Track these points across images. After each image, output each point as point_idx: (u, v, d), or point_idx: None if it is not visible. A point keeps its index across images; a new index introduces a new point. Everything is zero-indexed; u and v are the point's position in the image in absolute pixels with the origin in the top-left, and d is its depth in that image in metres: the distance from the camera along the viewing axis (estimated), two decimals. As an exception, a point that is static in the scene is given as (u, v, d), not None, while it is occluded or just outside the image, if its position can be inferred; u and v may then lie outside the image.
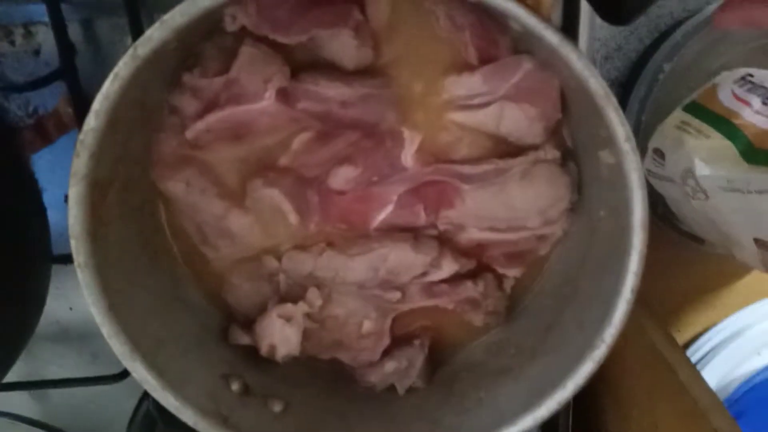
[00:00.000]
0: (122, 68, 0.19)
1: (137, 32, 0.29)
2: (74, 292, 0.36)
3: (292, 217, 0.26)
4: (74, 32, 0.31)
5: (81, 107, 0.31)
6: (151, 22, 0.30)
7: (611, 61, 0.41)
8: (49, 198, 0.33)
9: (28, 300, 0.30)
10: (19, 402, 0.38)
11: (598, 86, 0.19)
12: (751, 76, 0.35)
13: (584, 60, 0.19)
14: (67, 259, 0.31)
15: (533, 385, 0.24)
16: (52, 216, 0.32)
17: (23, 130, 0.32)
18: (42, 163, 0.33)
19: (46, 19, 0.30)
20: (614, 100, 0.19)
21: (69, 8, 0.30)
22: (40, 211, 0.31)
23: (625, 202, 0.21)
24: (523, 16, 0.19)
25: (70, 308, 0.37)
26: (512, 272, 0.28)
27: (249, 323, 0.27)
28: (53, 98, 0.32)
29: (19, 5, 0.31)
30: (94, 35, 0.31)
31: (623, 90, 0.42)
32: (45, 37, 0.31)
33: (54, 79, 0.30)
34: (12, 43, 0.31)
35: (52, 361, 0.38)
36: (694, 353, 0.45)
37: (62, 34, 0.30)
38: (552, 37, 0.18)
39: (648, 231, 0.20)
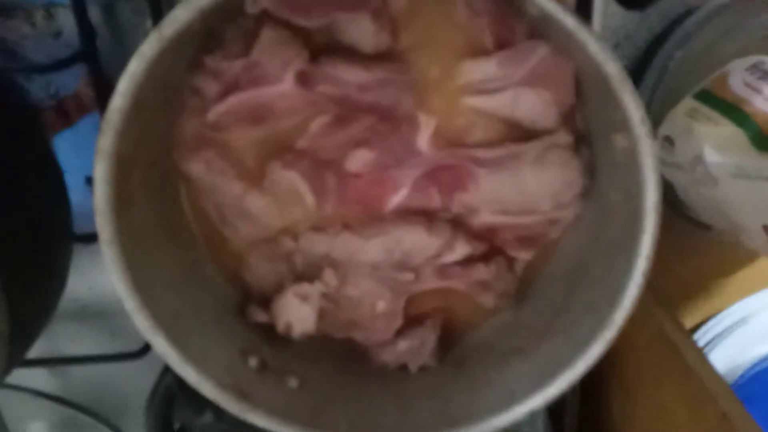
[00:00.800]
0: (147, 49, 0.19)
1: (157, 16, 0.29)
2: (94, 271, 0.37)
3: (309, 199, 0.27)
4: (95, 15, 0.31)
5: (102, 89, 0.31)
6: (171, 5, 0.31)
7: (621, 50, 0.41)
8: (69, 179, 0.33)
9: (51, 278, 0.31)
10: (39, 378, 0.39)
11: (614, 69, 0.19)
12: (763, 63, 0.35)
13: (601, 42, 0.19)
14: (87, 238, 0.32)
15: (543, 365, 0.25)
16: (73, 197, 0.33)
17: (45, 111, 0.33)
18: (63, 145, 0.34)
19: (67, 1, 0.30)
20: (630, 83, 0.19)
21: (90, -9, 0.31)
22: (62, 190, 0.31)
23: (638, 186, 0.21)
24: (541, 0, 0.19)
25: (90, 287, 0.38)
26: (523, 255, 0.28)
27: (266, 302, 0.28)
28: (74, 80, 0.33)
29: (40, -12, 0.31)
30: (114, 18, 0.32)
31: (633, 79, 0.42)
32: (65, 19, 0.31)
33: (75, 61, 0.31)
34: (33, 25, 0.32)
35: (71, 339, 0.39)
36: (700, 339, 0.46)
37: (83, 16, 0.30)
38: (569, 20, 0.19)
39: (661, 215, 0.21)
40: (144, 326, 0.23)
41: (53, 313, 0.32)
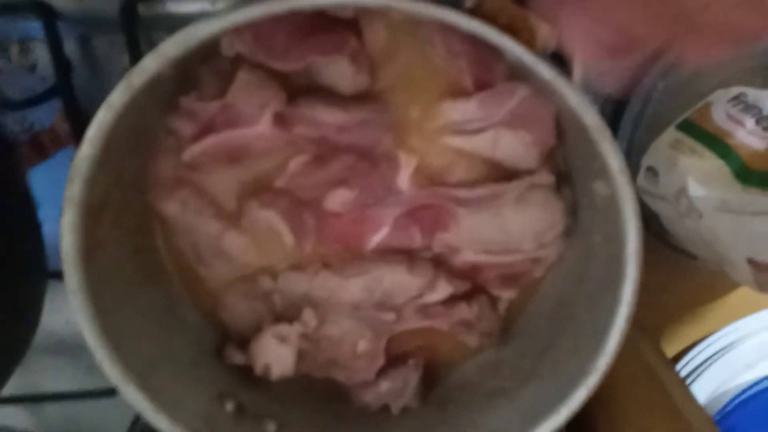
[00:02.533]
0: (116, 98, 0.19)
1: (134, 50, 0.29)
2: (69, 305, 0.36)
3: (288, 238, 0.26)
4: (71, 49, 0.31)
5: (77, 123, 0.31)
6: (148, 39, 0.31)
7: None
8: (45, 213, 0.33)
9: (23, 317, 0.30)
10: (13, 415, 0.38)
11: (592, 120, 0.19)
12: (745, 95, 0.35)
13: (578, 95, 0.19)
14: (61, 275, 0.31)
15: (527, 408, 0.25)
16: (48, 230, 0.32)
17: (20, 145, 0.32)
18: (38, 178, 0.33)
19: (42, 35, 0.30)
20: (609, 133, 0.19)
21: (65, 25, 0.30)
22: (35, 228, 0.31)
23: (619, 232, 0.21)
24: (517, 50, 0.19)
25: (66, 321, 0.37)
26: (506, 294, 0.28)
27: (244, 342, 0.27)
28: (50, 114, 0.32)
29: (16, 22, 0.31)
30: (91, 52, 0.31)
31: (616, 106, 0.42)
32: (41, 53, 0.31)
33: (50, 97, 0.30)
34: (8, 59, 0.31)
35: (47, 373, 0.38)
36: (686, 366, 0.45)
37: (58, 50, 0.30)
38: (546, 72, 0.19)
39: (642, 260, 0.21)
40: (114, 376, 0.22)
41: (26, 351, 0.31)
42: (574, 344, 0.24)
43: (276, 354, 0.27)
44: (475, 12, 0.19)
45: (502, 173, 0.26)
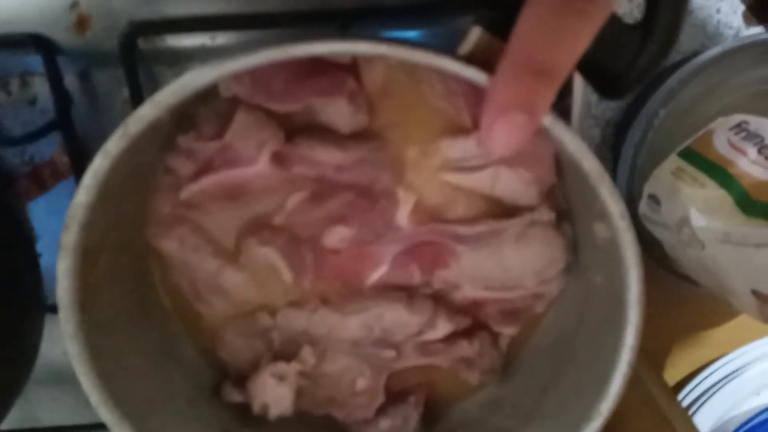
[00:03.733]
0: (113, 146, 0.19)
1: (134, 85, 0.29)
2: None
3: (287, 275, 0.26)
4: (71, 83, 0.31)
5: (77, 157, 0.31)
6: (149, 73, 0.31)
7: (606, 102, 0.42)
8: (44, 245, 0.33)
9: (20, 351, 0.30)
10: (11, 447, 0.38)
11: (591, 165, 0.19)
12: (747, 123, 0.35)
13: (576, 140, 0.19)
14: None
15: (528, 450, 0.24)
16: (47, 263, 0.32)
17: (19, 178, 0.32)
18: (38, 210, 0.33)
19: (43, 70, 0.30)
20: (608, 179, 0.19)
21: (66, 60, 0.30)
22: (33, 261, 0.31)
23: (620, 276, 0.21)
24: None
25: (65, 353, 0.36)
26: (508, 330, 0.27)
27: (242, 380, 0.27)
28: (50, 146, 0.32)
29: (16, 56, 0.31)
30: (90, 86, 0.31)
31: (617, 130, 0.42)
32: (41, 87, 0.31)
33: (50, 131, 0.30)
34: (8, 92, 0.31)
35: (46, 405, 0.38)
36: (690, 393, 0.45)
37: (58, 85, 0.30)
38: (544, 119, 0.18)
39: (644, 306, 0.20)
40: (110, 420, 0.22)
41: (23, 387, 0.31)
42: (577, 384, 0.24)
43: (274, 393, 0.26)
44: (469, 58, 0.19)
45: (502, 210, 0.25)
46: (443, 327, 0.26)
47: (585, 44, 0.17)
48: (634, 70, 0.20)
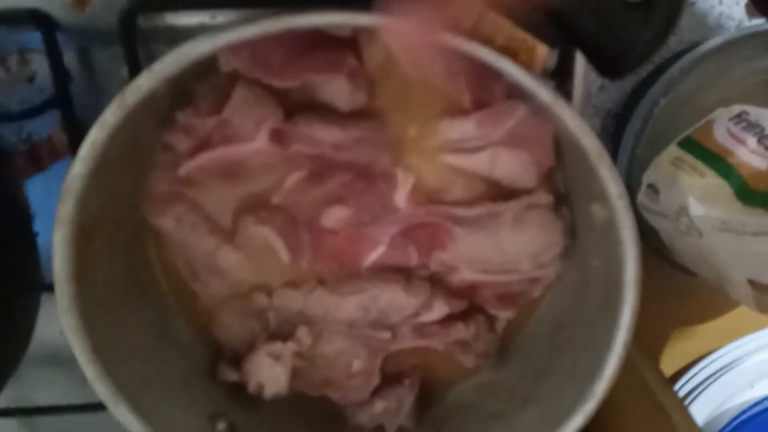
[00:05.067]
0: (110, 116, 0.19)
1: (133, 63, 0.29)
2: (63, 318, 0.36)
3: (284, 255, 0.26)
4: (70, 60, 0.30)
5: (75, 135, 0.30)
6: (148, 52, 0.31)
7: (606, 92, 0.41)
8: (40, 224, 0.32)
9: (16, 330, 0.30)
10: (6, 428, 0.38)
11: (591, 144, 0.19)
12: (747, 113, 0.35)
13: (577, 118, 0.19)
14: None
15: (524, 432, 0.24)
16: (44, 242, 0.32)
17: (16, 155, 0.32)
18: (35, 189, 0.33)
19: (41, 46, 0.29)
20: (608, 158, 0.19)
21: (65, 37, 0.30)
22: (30, 239, 0.30)
23: (617, 257, 0.20)
24: (516, 73, 0.18)
25: (61, 332, 0.36)
26: (504, 314, 0.27)
27: (237, 360, 0.27)
28: (47, 125, 0.32)
29: (15, 33, 0.30)
30: (89, 64, 0.31)
31: (617, 120, 0.42)
32: (40, 64, 0.31)
33: (48, 108, 0.30)
34: (7, 69, 0.31)
35: (40, 386, 0.38)
36: (686, 384, 0.45)
37: (57, 62, 0.30)
38: (545, 95, 0.18)
39: (641, 286, 0.20)
40: (104, 395, 0.22)
41: (17, 366, 0.31)
42: (572, 368, 0.24)
43: (270, 372, 0.26)
44: (472, 33, 0.19)
45: (500, 192, 0.25)
46: (440, 309, 0.26)
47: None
48: (635, 49, 0.19)
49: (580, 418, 0.22)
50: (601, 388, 0.22)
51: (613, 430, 0.35)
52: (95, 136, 0.19)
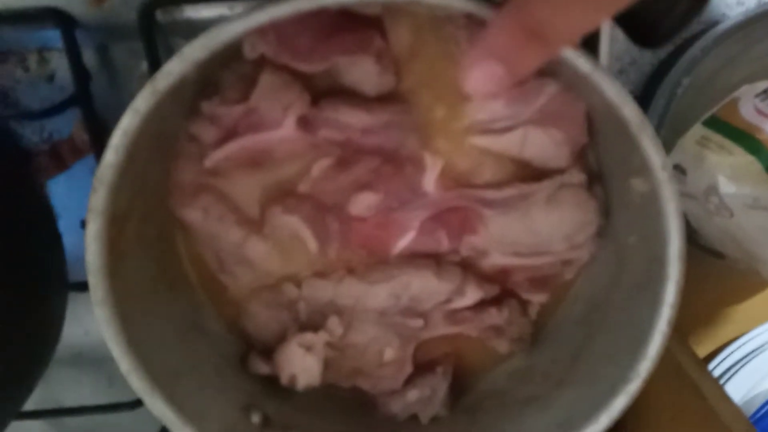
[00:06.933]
0: (141, 103, 0.19)
1: (153, 58, 0.29)
2: (89, 316, 0.35)
3: (312, 244, 0.26)
4: (89, 58, 0.30)
5: (96, 133, 0.30)
6: (167, 46, 0.30)
7: (626, 75, 0.41)
8: (64, 224, 0.32)
9: (45, 330, 0.30)
10: (34, 429, 0.38)
11: (632, 114, 0.18)
12: (774, 89, 0.34)
13: (617, 87, 0.18)
14: (83, 286, 0.31)
15: (561, 416, 0.24)
16: (68, 241, 0.32)
17: (38, 155, 0.32)
18: (57, 189, 0.33)
19: (61, 45, 0.29)
20: (650, 128, 0.18)
21: (83, 34, 0.30)
22: (56, 239, 0.30)
23: (659, 231, 0.20)
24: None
25: (85, 333, 0.36)
26: (537, 298, 0.27)
27: (268, 352, 0.27)
28: (68, 123, 0.32)
29: (34, 31, 0.30)
30: (109, 61, 0.31)
31: (640, 101, 0.41)
32: (59, 62, 0.31)
33: (68, 106, 0.30)
34: (26, 69, 0.31)
35: (67, 386, 0.38)
36: (717, 368, 0.44)
37: (77, 60, 0.30)
38: (584, 65, 0.18)
39: (685, 261, 0.20)
40: (140, 387, 0.22)
41: (47, 366, 0.31)
42: (610, 349, 0.24)
43: (302, 364, 0.26)
44: (502, 5, 0.18)
45: (530, 173, 0.25)
46: (472, 294, 0.26)
47: (590, 25, 0.17)
48: (671, 18, 0.19)
49: (623, 399, 0.22)
50: (645, 367, 0.21)
51: (645, 414, 0.34)
52: (127, 124, 0.19)
